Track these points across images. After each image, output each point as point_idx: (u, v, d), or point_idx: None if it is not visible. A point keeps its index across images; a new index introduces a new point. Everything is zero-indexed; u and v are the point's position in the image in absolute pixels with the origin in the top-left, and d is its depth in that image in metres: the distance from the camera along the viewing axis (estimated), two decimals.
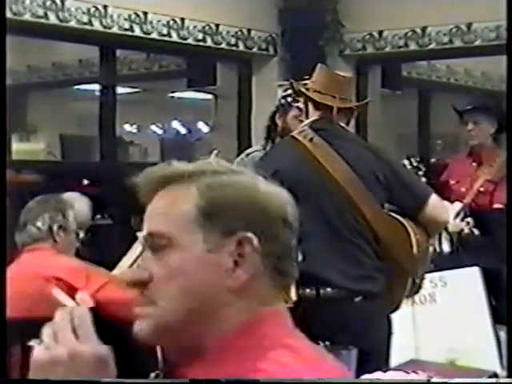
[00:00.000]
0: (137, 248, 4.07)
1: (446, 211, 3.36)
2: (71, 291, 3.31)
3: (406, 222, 3.01)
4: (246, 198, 1.24)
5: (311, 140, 3.17)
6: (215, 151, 3.86)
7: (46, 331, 1.19)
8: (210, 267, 1.23)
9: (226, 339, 1.22)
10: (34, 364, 1.17)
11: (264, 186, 1.27)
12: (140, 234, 1.29)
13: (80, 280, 3.31)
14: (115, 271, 3.92)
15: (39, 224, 3.45)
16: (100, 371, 1.18)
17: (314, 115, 3.24)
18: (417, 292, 3.11)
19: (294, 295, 2.71)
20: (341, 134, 3.24)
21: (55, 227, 3.45)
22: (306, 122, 3.26)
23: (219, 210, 1.23)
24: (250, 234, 1.22)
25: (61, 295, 1.36)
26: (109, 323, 1.27)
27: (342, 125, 3.25)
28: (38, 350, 1.18)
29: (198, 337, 1.23)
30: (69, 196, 4.14)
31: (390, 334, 2.98)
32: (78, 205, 4.14)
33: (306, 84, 3.32)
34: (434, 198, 3.16)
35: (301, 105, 4.02)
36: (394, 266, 2.95)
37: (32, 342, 1.20)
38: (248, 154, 4.22)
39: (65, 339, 1.18)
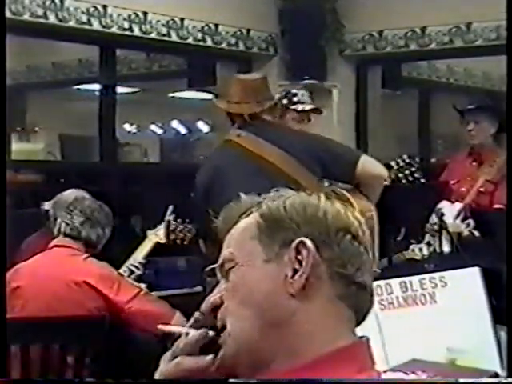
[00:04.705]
0: (147, 243, 4.15)
1: (379, 166, 3.58)
2: (99, 297, 3.31)
3: (346, 193, 3.08)
4: (303, 212, 1.27)
5: (239, 136, 3.64)
6: None
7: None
8: (270, 277, 1.24)
9: (303, 357, 1.22)
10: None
11: (322, 201, 1.29)
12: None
13: (111, 288, 3.34)
14: (123, 268, 3.94)
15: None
16: None
17: (237, 120, 3.72)
18: None
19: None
20: (268, 126, 3.65)
21: (94, 234, 3.57)
22: (234, 126, 3.73)
23: (277, 225, 1.26)
24: (304, 238, 1.23)
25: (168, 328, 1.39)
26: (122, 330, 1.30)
27: (269, 119, 3.68)
28: None
29: (272, 351, 1.23)
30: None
31: None
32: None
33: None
34: (364, 157, 3.50)
35: (298, 107, 4.15)
36: None
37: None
38: None
39: None
